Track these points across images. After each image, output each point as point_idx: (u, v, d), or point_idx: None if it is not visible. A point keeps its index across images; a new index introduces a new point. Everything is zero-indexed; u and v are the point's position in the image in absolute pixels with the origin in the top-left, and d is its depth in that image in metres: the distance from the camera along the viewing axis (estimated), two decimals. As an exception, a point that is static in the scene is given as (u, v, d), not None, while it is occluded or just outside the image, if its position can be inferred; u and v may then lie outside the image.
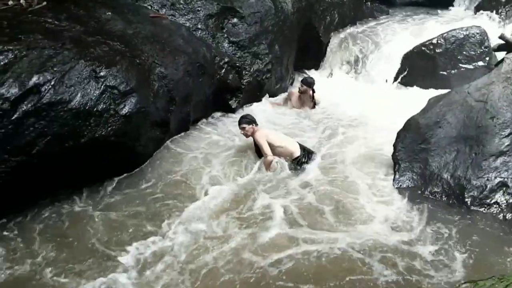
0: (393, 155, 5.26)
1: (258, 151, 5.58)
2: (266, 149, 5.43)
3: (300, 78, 8.08)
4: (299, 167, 5.44)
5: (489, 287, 2.25)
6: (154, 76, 5.62)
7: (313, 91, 7.34)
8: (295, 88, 7.68)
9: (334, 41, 9.26)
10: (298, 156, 5.49)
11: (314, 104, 7.40)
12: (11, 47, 4.59)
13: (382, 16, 10.61)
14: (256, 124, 5.68)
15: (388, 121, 6.27)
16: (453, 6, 11.03)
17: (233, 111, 6.98)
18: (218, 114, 6.90)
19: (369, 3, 10.87)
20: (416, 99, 6.49)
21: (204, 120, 6.67)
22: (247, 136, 5.68)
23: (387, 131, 5.85)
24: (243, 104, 7.16)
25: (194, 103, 6.28)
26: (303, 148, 5.60)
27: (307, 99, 7.38)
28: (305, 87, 7.26)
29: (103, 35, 5.48)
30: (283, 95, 7.82)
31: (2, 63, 4.43)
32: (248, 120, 5.67)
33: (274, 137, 5.59)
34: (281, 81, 7.90)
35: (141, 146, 5.28)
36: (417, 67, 7.96)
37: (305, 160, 5.50)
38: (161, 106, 5.55)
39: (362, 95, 7.76)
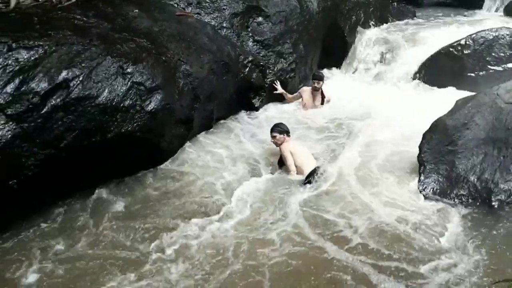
0: (419, 156, 5.18)
1: (281, 161, 5.51)
2: (290, 163, 5.38)
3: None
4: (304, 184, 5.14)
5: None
6: (179, 73, 5.66)
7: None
8: (305, 87, 7.49)
9: (359, 40, 9.17)
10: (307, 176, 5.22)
11: (323, 100, 7.25)
12: (41, 43, 4.68)
13: (408, 17, 10.50)
14: (289, 135, 5.59)
15: (413, 122, 6.16)
16: (481, 7, 10.80)
17: (256, 109, 6.99)
18: (241, 112, 6.89)
19: (395, 3, 10.78)
20: (442, 100, 6.39)
21: (227, 118, 6.68)
22: (276, 145, 5.57)
23: (412, 132, 5.77)
24: (266, 103, 7.16)
25: (217, 101, 6.30)
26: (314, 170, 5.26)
27: (318, 95, 7.23)
28: (321, 82, 7.13)
29: (130, 32, 5.55)
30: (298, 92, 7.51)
31: (32, 58, 4.52)
32: (280, 129, 5.56)
33: (297, 153, 5.45)
34: (304, 81, 7.87)
35: (165, 142, 5.33)
36: (444, 68, 7.83)
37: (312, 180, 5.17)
38: (185, 103, 5.59)
39: (385, 95, 7.66)
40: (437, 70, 7.93)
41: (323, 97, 7.24)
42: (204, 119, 6.12)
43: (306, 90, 7.32)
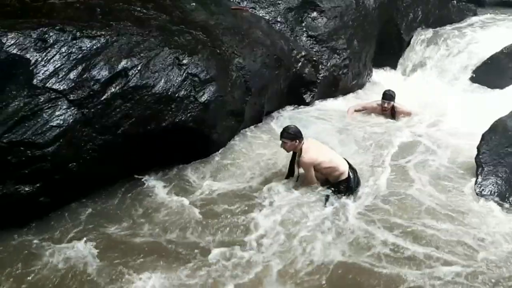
0: (476, 157, 4.99)
1: (292, 167, 4.89)
2: (311, 179, 4.71)
3: (376, 74, 7.95)
4: (344, 194, 4.62)
5: None
6: (233, 66, 5.73)
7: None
8: (374, 103, 6.81)
9: (416, 39, 8.93)
10: (346, 179, 4.68)
11: (394, 117, 6.66)
12: (103, 33, 4.88)
13: (468, 16, 10.10)
14: (301, 139, 4.68)
15: (471, 123, 5.95)
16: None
17: (307, 105, 6.95)
18: (291, 107, 6.88)
19: (455, 1, 10.37)
20: (503, 101, 6.13)
21: (277, 112, 6.68)
22: (287, 151, 4.79)
23: (470, 132, 5.57)
24: (317, 98, 7.11)
25: (268, 95, 6.33)
26: (351, 168, 4.78)
27: (388, 115, 6.68)
28: (391, 103, 6.60)
29: (187, 24, 5.68)
30: (361, 103, 7.02)
31: (94, 47, 4.72)
32: (291, 135, 4.65)
33: (322, 157, 4.66)
34: (358, 77, 7.76)
35: (216, 134, 5.41)
36: (505, 69, 7.48)
37: (354, 185, 4.71)
38: (237, 96, 5.65)
39: (442, 95, 7.42)
40: (498, 70, 7.59)
41: (393, 114, 6.67)
42: (255, 112, 6.16)
43: (374, 108, 6.77)
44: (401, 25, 8.69)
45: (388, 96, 6.59)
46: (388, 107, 6.59)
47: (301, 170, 4.78)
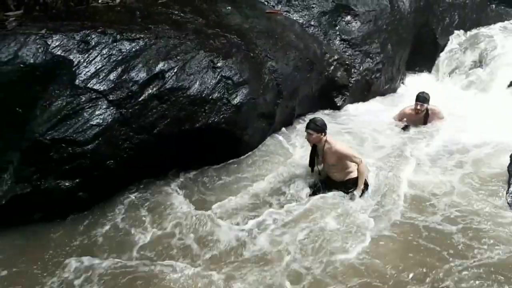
0: (509, 166, 4.93)
1: (312, 161, 4.95)
2: (356, 154, 4.79)
3: (410, 79, 7.88)
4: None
5: None
6: (265, 69, 5.84)
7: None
8: (408, 108, 6.51)
9: (452, 43, 8.80)
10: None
11: (426, 121, 6.42)
12: (142, 36, 5.08)
13: (507, 20, 9.84)
14: (326, 132, 4.76)
15: (505, 131, 5.85)
16: None
17: (338, 108, 6.98)
18: (323, 111, 6.91)
19: (494, 6, 10.14)
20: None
21: (308, 115, 6.72)
22: (311, 143, 4.87)
23: (504, 141, 5.48)
24: (349, 102, 7.13)
25: (300, 98, 6.40)
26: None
27: (421, 117, 6.40)
28: (425, 105, 6.28)
29: (222, 28, 5.82)
30: (397, 113, 6.69)
31: (133, 49, 4.92)
32: (318, 127, 4.70)
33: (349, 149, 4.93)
34: (391, 82, 7.73)
35: (247, 135, 5.53)
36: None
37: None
38: (269, 98, 5.75)
39: (477, 102, 7.31)
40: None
41: (426, 118, 6.40)
42: (286, 114, 6.24)
43: (408, 113, 6.47)
44: (436, 29, 8.59)
45: (422, 98, 6.24)
46: (421, 110, 6.25)
47: (330, 161, 4.81)
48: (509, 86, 7.73)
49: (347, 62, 7.10)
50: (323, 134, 4.72)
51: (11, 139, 4.29)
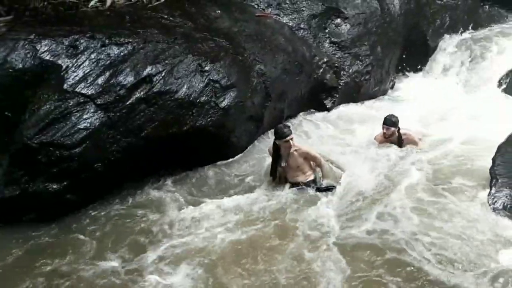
0: (491, 169, 4.99)
1: (274, 171, 5.04)
2: (318, 155, 5.06)
3: (401, 80, 7.94)
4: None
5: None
6: (254, 72, 5.91)
7: (399, 129, 5.79)
8: (379, 133, 5.95)
9: (443, 45, 8.86)
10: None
11: (400, 144, 5.83)
12: (130, 40, 5.17)
13: (499, 22, 9.90)
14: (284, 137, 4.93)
15: (490, 132, 5.91)
16: None
17: (328, 110, 7.05)
18: (312, 112, 6.98)
19: (487, 7, 10.19)
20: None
21: (297, 117, 6.81)
22: (288, 149, 4.92)
23: (488, 143, 5.55)
24: (339, 104, 7.19)
25: (289, 100, 6.48)
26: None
27: (394, 140, 5.84)
28: (392, 129, 5.75)
29: (210, 32, 5.91)
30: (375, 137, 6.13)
31: (122, 54, 5.02)
32: (290, 131, 4.92)
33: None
34: (380, 84, 7.79)
35: (235, 138, 5.61)
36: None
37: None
38: (257, 101, 5.82)
39: (465, 103, 7.37)
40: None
41: (400, 142, 5.83)
42: (275, 117, 6.31)
43: (379, 138, 5.95)
44: (427, 31, 8.64)
45: (389, 121, 5.73)
46: (388, 133, 5.74)
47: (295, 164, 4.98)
48: (498, 87, 7.82)
49: (336, 65, 7.17)
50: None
51: (0, 143, 4.38)
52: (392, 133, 5.74)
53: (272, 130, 6.21)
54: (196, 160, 5.37)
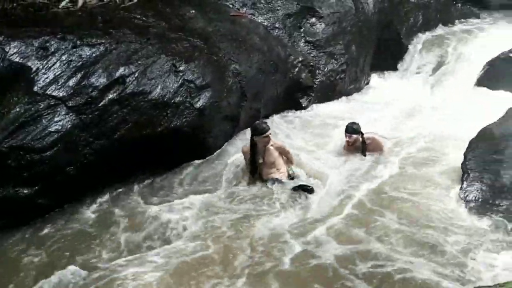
0: (463, 164, 5.09)
1: (253, 163, 5.11)
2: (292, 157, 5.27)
3: (376, 78, 8.05)
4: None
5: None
6: (229, 72, 5.90)
7: (362, 135, 5.66)
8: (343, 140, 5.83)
9: (416, 43, 9.00)
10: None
11: (364, 151, 5.69)
12: (103, 41, 5.11)
13: (471, 20, 10.11)
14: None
15: (463, 128, 6.02)
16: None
17: (304, 109, 7.09)
18: (288, 111, 7.00)
19: (459, 5, 10.38)
20: (497, 107, 6.18)
21: (274, 116, 6.82)
22: (266, 144, 5.10)
23: (460, 137, 5.66)
24: (314, 102, 7.23)
25: (265, 100, 6.48)
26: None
27: (358, 147, 5.71)
28: (354, 136, 5.60)
29: (185, 32, 5.87)
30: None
31: (94, 55, 4.95)
32: (268, 126, 5.17)
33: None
34: (355, 82, 7.87)
35: (211, 138, 5.60)
36: (503, 74, 7.52)
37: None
38: (233, 101, 5.81)
39: (437, 99, 7.52)
40: (496, 76, 7.63)
41: (364, 147, 5.68)
42: (251, 116, 6.29)
43: (345, 147, 5.84)
44: (401, 29, 8.76)
45: (350, 129, 5.59)
46: (351, 141, 5.62)
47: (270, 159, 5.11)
48: (471, 83, 7.96)
49: (311, 64, 7.21)
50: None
51: (-31, 148, 4.28)
52: (355, 140, 5.61)
53: (249, 130, 6.28)
54: (171, 161, 5.33)
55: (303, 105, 7.07)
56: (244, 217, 4.56)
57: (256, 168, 5.12)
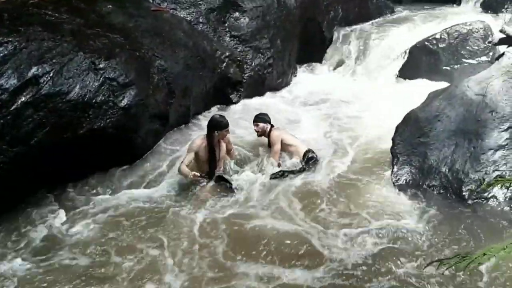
0: (392, 149, 5.24)
1: (213, 160, 5.09)
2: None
3: (302, 71, 8.16)
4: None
5: (453, 265, 2.32)
6: (154, 69, 5.65)
7: (272, 126, 5.62)
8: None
9: (338, 36, 9.21)
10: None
11: (269, 144, 5.60)
12: (11, 39, 4.65)
13: (387, 12, 10.53)
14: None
15: (388, 115, 6.22)
16: (460, 2, 10.92)
17: (235, 104, 6.98)
18: (218, 107, 6.87)
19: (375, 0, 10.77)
20: (418, 93, 6.43)
21: (204, 113, 6.65)
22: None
23: (387, 125, 5.82)
24: (244, 97, 7.15)
25: (194, 96, 6.30)
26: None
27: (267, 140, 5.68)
28: (260, 125, 5.56)
29: (103, 27, 5.53)
30: None
31: (1, 54, 4.49)
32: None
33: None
34: (283, 75, 7.88)
35: (139, 138, 5.32)
36: (420, 62, 7.89)
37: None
38: (160, 98, 5.57)
39: (362, 89, 7.73)
40: (413, 64, 7.98)
41: (269, 142, 5.59)
42: (181, 114, 6.11)
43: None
44: (322, 23, 8.92)
45: (255, 118, 5.64)
46: (257, 130, 5.58)
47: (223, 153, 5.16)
48: (390, 73, 8.27)
49: (238, 58, 7.12)
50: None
51: None
52: (262, 130, 5.56)
53: (180, 128, 6.09)
54: (99, 164, 5.00)
55: (233, 101, 6.98)
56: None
57: (215, 164, 5.03)
